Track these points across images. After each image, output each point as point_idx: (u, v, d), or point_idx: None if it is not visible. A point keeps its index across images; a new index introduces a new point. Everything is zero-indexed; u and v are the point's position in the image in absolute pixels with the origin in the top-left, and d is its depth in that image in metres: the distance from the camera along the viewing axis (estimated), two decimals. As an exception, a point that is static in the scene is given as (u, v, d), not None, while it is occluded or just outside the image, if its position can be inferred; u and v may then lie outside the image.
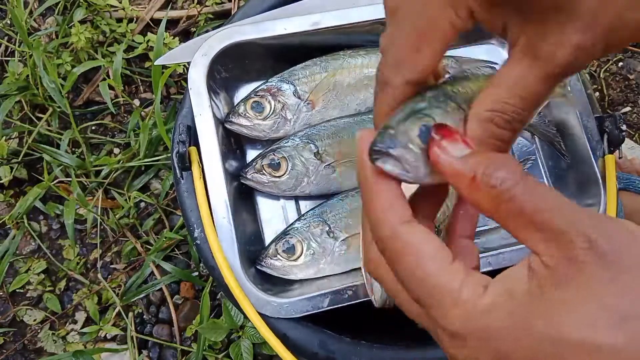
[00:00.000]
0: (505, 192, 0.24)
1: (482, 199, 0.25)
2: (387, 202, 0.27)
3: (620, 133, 0.60)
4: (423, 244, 0.26)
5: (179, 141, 0.57)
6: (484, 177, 0.24)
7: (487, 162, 0.25)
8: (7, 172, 0.92)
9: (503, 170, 0.24)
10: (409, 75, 0.29)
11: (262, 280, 0.59)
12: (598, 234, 0.22)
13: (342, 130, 0.64)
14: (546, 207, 0.24)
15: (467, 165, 0.25)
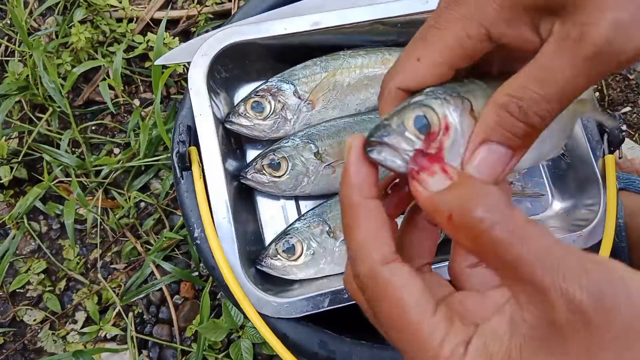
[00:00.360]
0: (484, 233, 0.21)
1: (461, 238, 0.23)
2: (370, 233, 0.25)
3: (620, 133, 0.60)
4: (405, 290, 0.23)
5: (179, 141, 0.57)
6: (460, 216, 0.22)
7: (464, 197, 0.22)
8: (7, 172, 0.92)
9: (480, 208, 0.22)
10: (400, 82, 0.29)
11: (262, 280, 0.59)
12: (585, 294, 0.19)
13: (342, 130, 0.64)
14: (530, 255, 0.21)
15: (443, 201, 0.23)
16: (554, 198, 0.69)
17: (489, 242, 0.21)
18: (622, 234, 0.74)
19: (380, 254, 0.24)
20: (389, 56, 0.66)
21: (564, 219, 0.65)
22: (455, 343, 0.22)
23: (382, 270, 0.24)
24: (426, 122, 0.27)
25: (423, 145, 0.26)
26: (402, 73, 0.29)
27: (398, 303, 0.23)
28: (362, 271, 0.25)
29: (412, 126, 0.27)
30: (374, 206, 0.25)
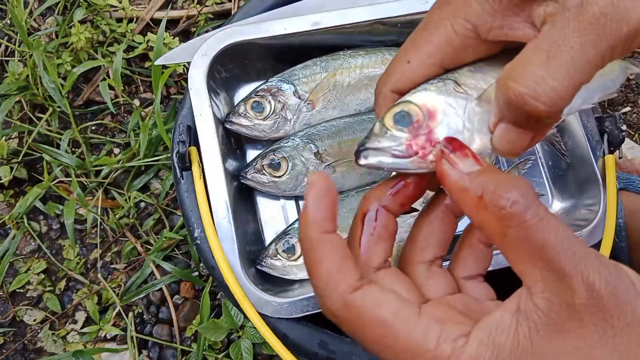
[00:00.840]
0: (515, 215, 0.22)
1: (488, 220, 0.23)
2: (334, 267, 0.24)
3: (620, 133, 0.60)
4: (381, 308, 0.23)
5: (179, 141, 0.57)
6: (493, 196, 0.22)
7: (497, 180, 0.23)
8: (7, 172, 0.92)
9: (515, 191, 0.22)
10: (392, 85, 0.29)
11: (262, 280, 0.59)
12: (603, 283, 0.20)
13: (342, 130, 0.65)
14: (556, 242, 0.21)
15: (475, 182, 0.23)
16: (554, 198, 0.69)
17: (518, 225, 0.22)
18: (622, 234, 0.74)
19: (347, 283, 0.24)
20: (389, 56, 0.66)
21: (564, 219, 0.65)
22: (453, 338, 0.22)
23: (352, 298, 0.24)
24: (405, 113, 0.27)
25: (410, 135, 0.27)
26: (393, 76, 0.29)
27: (378, 323, 0.23)
28: (333, 306, 0.24)
29: (392, 124, 0.27)
30: (333, 240, 0.25)
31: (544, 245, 0.21)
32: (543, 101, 0.23)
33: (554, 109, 0.23)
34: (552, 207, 0.68)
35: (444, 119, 0.27)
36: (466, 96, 0.28)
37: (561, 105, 0.23)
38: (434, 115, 0.27)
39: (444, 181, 0.25)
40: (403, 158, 0.27)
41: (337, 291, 0.24)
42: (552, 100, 0.23)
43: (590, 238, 0.58)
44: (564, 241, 0.21)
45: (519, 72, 0.23)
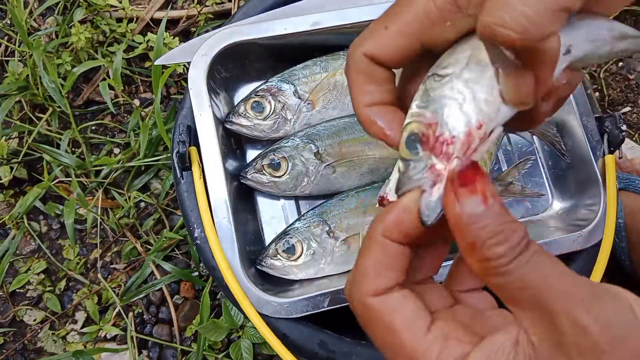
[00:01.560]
0: (497, 267, 0.22)
1: (474, 263, 0.23)
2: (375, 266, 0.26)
3: (620, 133, 0.60)
4: (396, 315, 0.24)
5: (179, 141, 0.57)
6: (483, 247, 0.22)
7: (493, 230, 0.22)
8: (7, 172, 0.92)
9: (504, 245, 0.22)
10: (366, 49, 0.28)
11: (262, 280, 0.59)
12: (591, 319, 0.20)
13: (342, 130, 0.64)
14: (540, 283, 0.22)
15: (473, 228, 0.23)
16: (554, 198, 0.69)
17: (501, 274, 0.22)
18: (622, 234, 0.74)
19: (374, 286, 0.25)
20: (389, 56, 0.66)
21: (564, 219, 0.65)
22: (453, 358, 0.23)
23: (373, 301, 0.25)
24: (414, 137, 0.26)
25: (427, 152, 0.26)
26: (369, 39, 0.29)
27: (389, 327, 0.24)
28: (355, 296, 0.26)
29: (407, 151, 0.27)
30: (387, 246, 0.26)
31: (527, 288, 0.22)
32: (512, 28, 0.22)
33: (526, 36, 0.22)
34: (552, 207, 0.68)
35: (445, 111, 0.26)
36: (450, 77, 0.27)
37: (535, 32, 0.22)
38: (433, 120, 0.26)
39: (446, 210, 0.24)
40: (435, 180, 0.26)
41: (363, 289, 0.25)
42: (522, 27, 0.22)
43: (590, 238, 0.58)
44: (550, 281, 0.21)
45: (488, 6, 0.23)
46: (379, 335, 0.25)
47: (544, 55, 0.23)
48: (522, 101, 0.25)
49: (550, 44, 0.23)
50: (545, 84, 0.25)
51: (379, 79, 0.29)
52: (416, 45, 0.28)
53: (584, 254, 0.59)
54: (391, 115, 0.29)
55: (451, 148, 0.25)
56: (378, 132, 0.30)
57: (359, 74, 0.29)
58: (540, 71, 0.24)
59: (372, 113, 0.30)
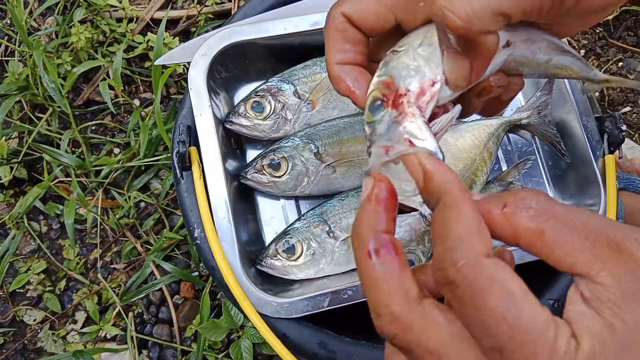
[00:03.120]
0: (546, 209, 0.22)
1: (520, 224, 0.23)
2: (473, 226, 0.23)
3: (620, 133, 0.60)
4: (514, 284, 0.22)
5: (179, 141, 0.57)
6: (517, 202, 0.23)
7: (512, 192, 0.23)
8: (7, 172, 0.92)
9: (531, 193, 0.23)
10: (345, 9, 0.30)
11: (262, 280, 0.59)
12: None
13: (342, 130, 0.64)
14: (594, 220, 0.22)
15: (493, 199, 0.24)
16: (554, 198, 0.69)
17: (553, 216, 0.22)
18: (622, 234, 0.73)
19: (485, 246, 0.23)
20: (389, 56, 0.66)
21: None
22: (567, 336, 0.22)
23: (488, 262, 0.22)
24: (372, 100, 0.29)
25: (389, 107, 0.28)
26: (350, 1, 0.30)
27: (508, 295, 0.22)
28: (462, 261, 0.22)
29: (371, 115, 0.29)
30: (474, 203, 0.24)
31: (586, 225, 0.22)
32: (459, 15, 0.25)
33: (469, 25, 0.25)
34: (552, 207, 0.68)
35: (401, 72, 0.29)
36: (407, 49, 0.29)
37: (477, 25, 0.25)
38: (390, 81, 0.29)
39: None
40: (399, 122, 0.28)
41: (473, 249, 0.23)
42: (467, 16, 0.25)
43: (590, 238, 0.58)
44: (599, 217, 0.22)
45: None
46: (492, 302, 0.22)
47: (480, 48, 0.27)
48: (456, 83, 0.28)
49: (487, 39, 0.26)
50: (478, 73, 0.28)
51: (353, 39, 0.31)
52: (391, 18, 0.30)
53: (584, 254, 0.59)
54: (360, 75, 0.32)
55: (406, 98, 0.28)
56: (346, 89, 0.32)
57: (336, 32, 0.31)
58: (475, 61, 0.27)
59: (343, 71, 0.32)
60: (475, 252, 0.23)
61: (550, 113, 0.66)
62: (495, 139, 0.66)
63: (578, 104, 0.62)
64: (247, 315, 0.55)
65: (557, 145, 0.65)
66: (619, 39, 1.01)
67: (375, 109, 0.29)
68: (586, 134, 0.62)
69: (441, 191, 0.25)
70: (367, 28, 0.31)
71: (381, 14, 0.30)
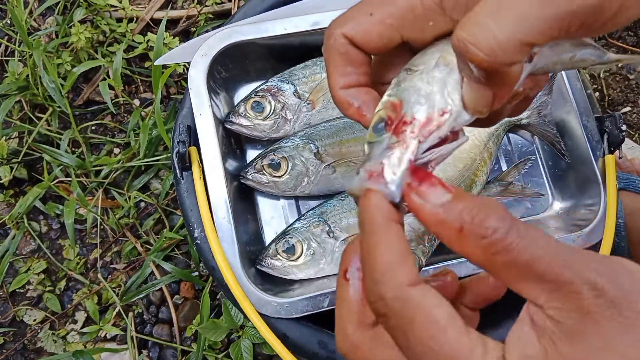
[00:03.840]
0: (498, 242, 0.22)
1: (471, 250, 0.22)
2: (396, 256, 0.23)
3: (620, 133, 0.60)
4: (438, 310, 0.22)
5: (179, 141, 0.57)
6: (472, 227, 0.22)
7: (473, 209, 0.22)
8: (7, 172, 0.92)
9: (492, 217, 0.22)
10: (347, 30, 0.28)
11: (262, 280, 0.59)
12: (604, 280, 0.21)
13: (342, 130, 0.64)
14: (545, 254, 0.21)
15: (452, 213, 0.23)
16: (554, 198, 0.69)
17: (503, 249, 0.22)
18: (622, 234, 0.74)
19: (408, 276, 0.23)
20: (389, 56, 0.66)
21: (564, 219, 0.65)
22: (497, 357, 0.22)
23: (412, 292, 0.23)
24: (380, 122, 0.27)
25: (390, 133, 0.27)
26: (351, 22, 0.28)
27: (433, 323, 0.22)
28: (387, 294, 0.23)
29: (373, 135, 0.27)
30: (398, 230, 0.24)
31: (535, 261, 0.21)
32: (482, 48, 0.23)
33: (493, 59, 0.23)
34: (552, 207, 0.68)
35: (412, 97, 0.27)
36: (421, 71, 0.28)
37: (502, 57, 0.23)
38: (399, 104, 0.27)
39: (419, 215, 0.24)
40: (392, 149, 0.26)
41: (395, 280, 0.23)
42: (491, 49, 0.23)
43: (590, 238, 0.58)
44: (552, 251, 0.21)
45: (466, 20, 0.24)
46: (418, 332, 0.22)
47: (505, 78, 0.25)
48: (478, 111, 0.26)
49: (513, 70, 0.25)
50: (501, 100, 0.26)
51: (356, 61, 0.29)
52: (397, 37, 0.28)
53: (584, 254, 0.59)
54: (367, 97, 0.30)
55: (410, 128, 0.26)
56: (354, 114, 0.30)
57: (338, 54, 0.29)
58: (499, 90, 0.26)
59: (349, 95, 0.30)
60: (398, 284, 0.23)
61: (550, 113, 0.66)
62: (495, 139, 0.66)
63: (578, 104, 0.62)
64: (247, 315, 0.55)
65: (557, 145, 0.65)
66: (619, 39, 1.01)
67: (378, 130, 0.27)
68: (586, 134, 0.62)
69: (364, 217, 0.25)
70: (372, 49, 0.29)
71: (385, 34, 0.28)
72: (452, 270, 0.27)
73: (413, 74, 0.28)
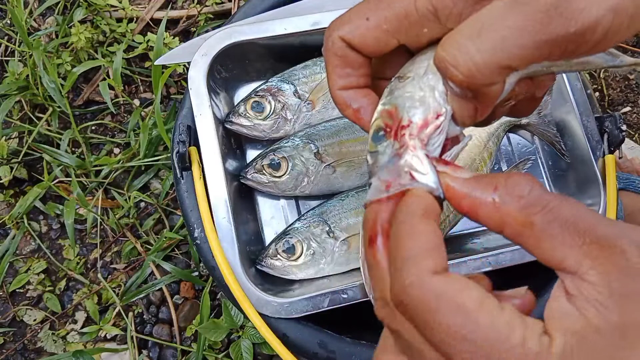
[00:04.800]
0: (536, 200, 0.21)
1: (510, 217, 0.21)
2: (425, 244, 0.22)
3: (620, 133, 0.60)
4: (465, 294, 0.21)
5: (179, 141, 0.57)
6: (507, 189, 0.22)
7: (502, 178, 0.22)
8: (7, 172, 0.92)
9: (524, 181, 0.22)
10: (345, 33, 0.28)
11: (262, 280, 0.59)
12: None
13: (342, 130, 0.64)
14: (587, 214, 0.21)
15: (483, 185, 0.22)
16: (554, 198, 0.69)
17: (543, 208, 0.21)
18: (622, 234, 0.73)
19: (433, 263, 0.22)
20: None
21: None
22: (538, 335, 0.20)
23: (434, 279, 0.21)
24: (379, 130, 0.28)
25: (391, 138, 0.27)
26: (348, 25, 0.29)
27: (460, 310, 0.21)
28: (407, 280, 0.21)
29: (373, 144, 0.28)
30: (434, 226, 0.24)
31: (577, 219, 0.21)
32: (461, 70, 0.23)
33: (472, 80, 0.23)
34: (552, 207, 0.68)
35: (406, 102, 0.28)
36: (412, 77, 0.28)
37: (480, 79, 0.23)
38: (394, 111, 0.28)
39: (452, 200, 0.24)
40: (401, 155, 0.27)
41: (419, 266, 0.21)
42: (469, 71, 0.23)
43: (590, 238, 0.58)
44: (592, 212, 0.21)
45: (447, 39, 0.24)
46: (445, 321, 0.21)
47: (484, 96, 0.25)
48: (462, 120, 0.27)
49: (491, 89, 0.25)
50: (485, 112, 0.27)
51: (354, 63, 0.30)
52: (392, 42, 0.28)
53: (584, 254, 0.59)
54: (365, 99, 0.30)
55: (409, 130, 0.27)
56: (351, 115, 0.31)
57: (336, 57, 0.30)
58: (480, 104, 0.26)
59: (348, 96, 0.31)
60: (421, 271, 0.21)
61: (550, 113, 0.66)
62: (495, 139, 0.66)
63: (578, 104, 0.62)
64: (247, 315, 0.55)
65: (557, 145, 0.65)
66: (619, 39, 1.01)
67: (378, 139, 0.28)
68: (586, 134, 0.62)
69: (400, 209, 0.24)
70: (368, 52, 0.29)
71: (382, 38, 0.28)
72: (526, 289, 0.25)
73: (405, 82, 0.28)
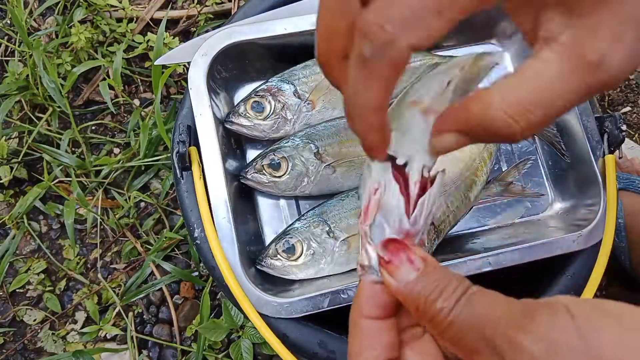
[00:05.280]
0: (442, 321, 0.24)
1: (428, 327, 0.26)
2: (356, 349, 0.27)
3: (620, 133, 0.60)
4: None
5: (179, 141, 0.57)
6: (425, 307, 0.25)
7: (429, 288, 0.25)
8: (7, 172, 0.92)
9: (442, 297, 0.25)
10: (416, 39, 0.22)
11: (262, 280, 0.59)
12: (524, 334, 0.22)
13: (342, 130, 0.64)
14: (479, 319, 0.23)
15: (412, 294, 0.26)
16: (554, 198, 0.69)
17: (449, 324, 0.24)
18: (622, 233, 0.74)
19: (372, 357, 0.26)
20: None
21: (564, 219, 0.65)
22: None
23: None
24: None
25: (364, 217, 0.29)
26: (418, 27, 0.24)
27: None
28: None
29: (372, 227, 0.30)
30: (365, 325, 0.27)
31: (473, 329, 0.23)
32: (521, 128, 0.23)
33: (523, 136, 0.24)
34: (552, 207, 0.68)
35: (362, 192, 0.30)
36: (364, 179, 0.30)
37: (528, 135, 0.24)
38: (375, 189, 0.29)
39: (388, 289, 0.27)
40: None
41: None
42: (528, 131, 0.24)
43: (590, 238, 0.58)
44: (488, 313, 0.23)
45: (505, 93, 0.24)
46: None
47: None
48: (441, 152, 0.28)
49: None
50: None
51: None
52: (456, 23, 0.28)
53: (584, 254, 0.59)
54: None
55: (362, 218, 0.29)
56: None
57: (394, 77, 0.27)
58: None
59: None
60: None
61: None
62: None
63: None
64: (247, 315, 0.55)
65: (557, 145, 0.65)
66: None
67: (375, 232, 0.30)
68: (586, 134, 0.62)
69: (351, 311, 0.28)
70: None
71: None
72: None
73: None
